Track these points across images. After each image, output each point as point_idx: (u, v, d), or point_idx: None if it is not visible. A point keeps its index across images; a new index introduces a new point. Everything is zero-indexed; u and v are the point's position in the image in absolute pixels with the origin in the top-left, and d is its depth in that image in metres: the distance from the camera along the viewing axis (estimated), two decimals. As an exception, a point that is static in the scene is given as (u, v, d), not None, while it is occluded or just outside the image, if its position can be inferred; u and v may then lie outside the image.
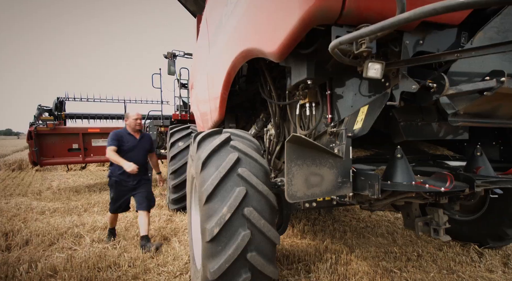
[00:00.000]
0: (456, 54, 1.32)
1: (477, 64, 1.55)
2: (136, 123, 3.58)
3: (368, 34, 1.13)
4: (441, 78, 1.53)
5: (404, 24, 1.00)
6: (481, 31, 1.51)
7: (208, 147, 1.95)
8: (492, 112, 1.80)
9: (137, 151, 3.57)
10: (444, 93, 1.53)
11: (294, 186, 1.51)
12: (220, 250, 1.69)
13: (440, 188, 1.76)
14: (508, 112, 1.85)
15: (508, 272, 2.72)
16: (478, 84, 1.45)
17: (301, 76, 1.96)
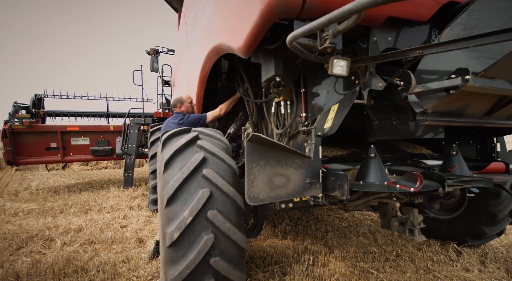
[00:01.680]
0: (418, 51, 1.27)
1: (444, 62, 1.51)
2: (192, 107, 3.30)
3: (318, 27, 1.06)
4: (407, 76, 1.49)
5: (350, 16, 0.94)
6: (447, 28, 1.47)
7: (172, 146, 1.86)
8: (461, 111, 1.77)
9: None
10: (411, 91, 1.49)
11: (255, 188, 1.44)
12: (181, 256, 1.60)
13: (410, 188, 1.71)
14: (477, 111, 1.82)
15: (484, 271, 2.72)
16: (444, 82, 1.42)
17: (269, 73, 1.89)
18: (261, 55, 1.98)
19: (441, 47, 1.18)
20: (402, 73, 1.50)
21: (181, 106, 3.19)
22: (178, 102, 3.22)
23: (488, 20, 1.39)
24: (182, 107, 3.19)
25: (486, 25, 1.40)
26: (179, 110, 3.20)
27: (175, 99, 3.25)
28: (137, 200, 5.55)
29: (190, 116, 3.12)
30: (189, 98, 3.25)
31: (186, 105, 3.21)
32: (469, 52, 1.41)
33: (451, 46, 1.14)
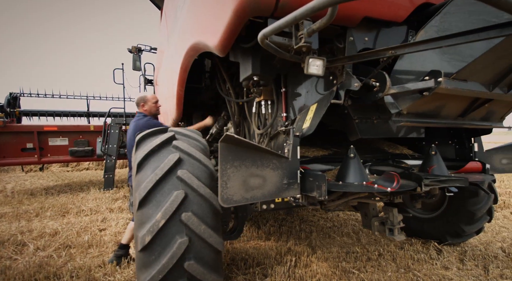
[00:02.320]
0: (391, 51, 1.26)
1: (418, 64, 1.51)
2: (157, 107, 3.13)
3: (285, 25, 1.03)
4: (383, 77, 1.50)
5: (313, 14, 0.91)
6: (422, 30, 1.47)
7: (146, 147, 1.79)
8: (436, 112, 1.78)
9: None
10: (386, 93, 1.49)
11: (230, 189, 1.39)
12: (153, 260, 1.54)
13: (387, 188, 1.71)
14: (451, 113, 1.84)
15: (463, 269, 2.76)
16: (418, 84, 1.43)
17: (247, 72, 1.86)
18: (239, 54, 1.94)
19: (413, 47, 1.18)
20: (378, 74, 1.50)
21: (144, 105, 3.04)
22: (141, 101, 3.07)
23: (461, 23, 1.40)
24: (145, 106, 3.04)
25: (459, 27, 1.40)
26: (141, 109, 3.06)
27: (139, 97, 3.10)
28: (118, 202, 5.40)
29: (152, 122, 2.97)
30: (155, 99, 3.11)
31: (150, 105, 3.06)
32: (442, 54, 1.42)
33: (422, 46, 1.14)
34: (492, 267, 2.76)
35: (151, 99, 3.09)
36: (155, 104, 3.10)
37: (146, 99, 3.07)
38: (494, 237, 3.65)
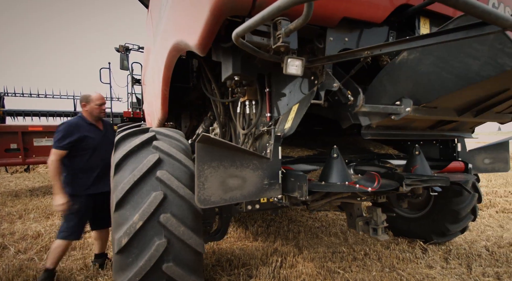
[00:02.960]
0: (366, 52, 1.26)
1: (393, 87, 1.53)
2: (100, 110, 2.71)
3: (255, 25, 1.02)
4: (357, 93, 1.53)
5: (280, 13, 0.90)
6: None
7: (125, 147, 1.76)
8: (405, 126, 1.82)
9: (104, 147, 2.67)
10: (358, 109, 1.55)
11: (207, 190, 1.37)
12: (130, 262, 1.51)
13: (368, 188, 1.71)
14: (420, 126, 1.88)
15: (446, 267, 2.79)
16: (388, 108, 1.50)
17: (228, 72, 1.84)
18: (220, 54, 1.92)
19: (388, 48, 1.18)
20: (353, 90, 1.54)
21: (86, 106, 2.68)
22: (83, 100, 2.70)
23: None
24: (87, 107, 2.68)
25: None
26: (83, 110, 2.72)
27: (82, 96, 2.75)
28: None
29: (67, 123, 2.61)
30: (100, 100, 2.71)
31: (92, 107, 2.67)
32: (417, 84, 1.43)
33: (396, 47, 1.14)
34: (475, 265, 2.79)
35: (95, 99, 2.69)
36: (98, 107, 2.70)
37: (89, 99, 2.68)
38: (479, 235, 3.71)
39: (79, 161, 2.58)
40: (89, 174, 2.61)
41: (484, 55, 1.12)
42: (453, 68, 1.26)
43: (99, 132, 2.73)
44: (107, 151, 2.67)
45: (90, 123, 2.69)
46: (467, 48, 1.16)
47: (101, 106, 2.73)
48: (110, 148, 2.63)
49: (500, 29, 0.77)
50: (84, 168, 2.60)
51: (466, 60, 1.20)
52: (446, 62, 1.27)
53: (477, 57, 1.16)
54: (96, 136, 2.68)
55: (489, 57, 1.12)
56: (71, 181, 2.55)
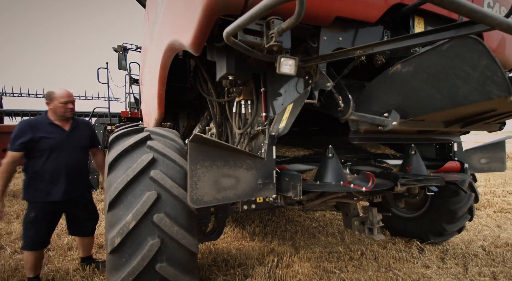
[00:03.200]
0: (358, 51, 1.26)
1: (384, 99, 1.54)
2: (66, 109, 2.44)
3: (244, 24, 1.02)
4: (348, 101, 1.55)
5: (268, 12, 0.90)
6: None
7: (119, 147, 1.76)
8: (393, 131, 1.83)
9: (68, 150, 2.44)
10: (347, 117, 1.56)
11: (200, 190, 1.37)
12: (123, 262, 1.51)
13: (362, 188, 1.71)
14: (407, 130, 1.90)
15: (443, 267, 2.79)
16: (376, 119, 1.51)
17: (222, 71, 1.84)
18: (215, 53, 1.92)
19: (380, 47, 1.18)
20: (344, 98, 1.57)
21: (50, 103, 2.44)
22: (47, 97, 2.45)
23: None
24: (51, 104, 2.43)
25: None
26: (48, 107, 2.48)
27: (46, 92, 2.50)
28: (103, 204, 5.30)
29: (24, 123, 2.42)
30: (64, 97, 2.44)
31: (55, 105, 2.42)
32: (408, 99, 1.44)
33: (388, 46, 1.14)
34: (472, 265, 2.79)
35: (59, 97, 2.42)
36: (63, 105, 2.43)
37: (53, 96, 2.42)
38: (476, 235, 3.71)
39: (35, 163, 2.34)
40: (48, 178, 2.35)
41: (474, 80, 1.13)
42: (443, 88, 1.27)
43: (62, 133, 2.45)
44: (72, 153, 2.47)
45: (52, 123, 2.43)
46: (459, 70, 1.16)
47: (67, 104, 2.44)
48: (77, 150, 2.51)
49: (488, 27, 0.77)
50: (41, 172, 2.34)
51: (456, 83, 1.20)
52: (437, 81, 1.28)
53: (467, 81, 1.16)
54: (56, 137, 2.41)
55: (478, 83, 1.13)
56: (27, 186, 2.36)
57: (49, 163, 2.36)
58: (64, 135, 2.46)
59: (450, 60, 1.15)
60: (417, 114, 1.44)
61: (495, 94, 1.08)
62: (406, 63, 1.36)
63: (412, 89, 1.39)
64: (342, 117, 1.58)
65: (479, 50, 1.03)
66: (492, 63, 1.03)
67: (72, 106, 2.51)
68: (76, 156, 2.51)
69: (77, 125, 2.59)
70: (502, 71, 1.02)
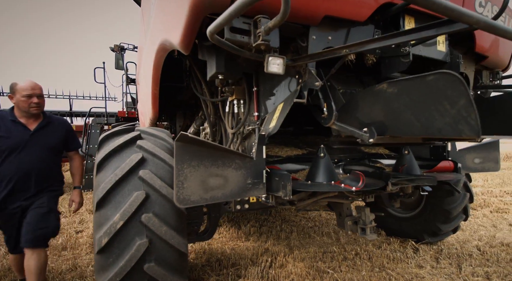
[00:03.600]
0: (345, 50, 1.25)
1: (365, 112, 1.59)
2: (29, 104, 2.13)
3: (225, 21, 1.01)
4: (331, 110, 1.60)
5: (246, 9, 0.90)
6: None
7: (108, 147, 1.75)
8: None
9: (30, 152, 2.15)
10: (329, 125, 1.64)
11: (186, 189, 1.36)
12: (111, 263, 1.50)
13: (352, 187, 1.71)
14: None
15: (436, 267, 2.79)
16: (355, 132, 1.57)
17: (212, 71, 1.83)
18: (205, 52, 1.92)
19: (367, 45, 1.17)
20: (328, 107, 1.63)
21: (12, 97, 2.19)
22: (10, 90, 2.21)
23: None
24: (14, 98, 2.18)
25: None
26: (11, 101, 2.24)
27: (11, 84, 2.23)
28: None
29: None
30: (27, 91, 2.14)
31: (18, 99, 2.15)
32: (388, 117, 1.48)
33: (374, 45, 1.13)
34: (465, 265, 2.79)
35: (21, 90, 2.14)
36: (26, 99, 2.14)
37: (15, 88, 2.17)
38: (471, 235, 3.71)
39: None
40: (4, 183, 2.11)
41: (450, 116, 1.17)
42: (422, 116, 1.31)
43: (24, 132, 2.16)
44: (35, 156, 2.18)
45: (14, 120, 2.16)
46: (439, 104, 1.20)
47: (30, 99, 2.13)
48: (43, 153, 2.21)
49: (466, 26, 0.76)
50: None
51: (434, 114, 1.24)
52: (417, 108, 1.32)
53: (444, 115, 1.20)
54: (16, 137, 2.14)
55: (453, 120, 1.18)
56: None
57: (5, 166, 2.11)
58: (27, 135, 2.16)
59: (433, 92, 1.19)
60: (395, 133, 1.49)
61: (466, 134, 1.14)
62: (392, 84, 1.40)
63: (393, 110, 1.44)
64: (325, 124, 1.66)
65: (460, 89, 1.07)
66: (469, 105, 1.07)
67: (38, 101, 2.18)
68: (39, 159, 2.19)
69: (48, 125, 2.28)
70: (476, 115, 1.07)
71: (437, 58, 1.89)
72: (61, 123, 2.44)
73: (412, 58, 1.69)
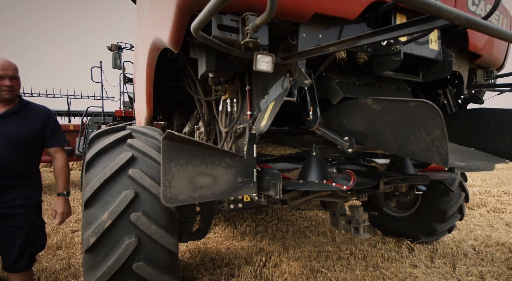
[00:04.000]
0: (332, 47, 1.25)
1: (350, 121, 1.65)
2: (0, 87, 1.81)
3: (205, 18, 1.00)
4: (316, 116, 1.64)
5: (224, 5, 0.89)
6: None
7: (97, 145, 1.74)
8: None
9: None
10: (313, 129, 1.68)
11: (174, 188, 1.35)
12: (99, 262, 1.49)
13: (343, 186, 1.70)
14: None
15: (431, 267, 2.78)
16: (336, 140, 1.65)
17: (202, 69, 1.82)
18: (197, 51, 1.91)
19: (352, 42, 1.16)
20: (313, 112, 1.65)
21: None
22: None
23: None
24: None
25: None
26: None
27: None
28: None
29: None
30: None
31: None
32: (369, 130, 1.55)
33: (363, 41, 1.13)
34: (460, 264, 2.78)
35: None
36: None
37: None
38: (467, 235, 3.70)
39: None
40: None
41: (424, 143, 1.26)
42: (399, 136, 1.38)
43: None
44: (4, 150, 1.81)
45: None
46: (416, 129, 1.27)
47: (1, 80, 1.80)
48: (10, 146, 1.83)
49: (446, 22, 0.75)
50: None
51: (410, 137, 1.32)
52: (397, 129, 1.39)
53: (419, 140, 1.28)
54: None
55: (426, 146, 1.26)
56: None
57: None
58: None
59: (413, 117, 1.27)
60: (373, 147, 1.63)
61: (435, 162, 1.24)
62: (376, 101, 1.46)
63: (374, 125, 1.51)
64: (309, 128, 1.70)
65: (437, 121, 1.15)
66: (443, 137, 1.15)
67: (10, 84, 1.82)
68: (6, 152, 1.81)
69: (20, 112, 1.91)
70: (446, 147, 1.16)
71: (429, 57, 1.88)
72: (39, 112, 2.01)
73: (403, 56, 1.68)
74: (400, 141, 1.39)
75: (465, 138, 2.12)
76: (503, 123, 1.94)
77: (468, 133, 2.12)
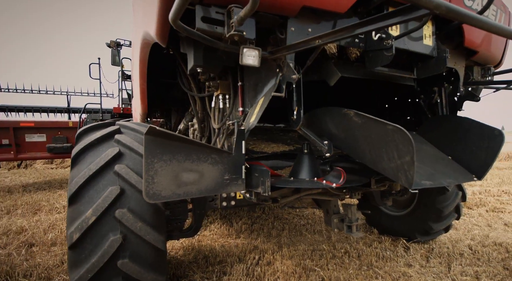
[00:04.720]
0: (317, 40, 1.21)
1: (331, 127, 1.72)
2: None
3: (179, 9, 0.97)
4: (299, 117, 1.65)
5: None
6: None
7: (83, 141, 1.73)
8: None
9: None
10: (297, 129, 1.70)
11: (157, 184, 1.33)
12: (83, 258, 1.48)
13: (333, 184, 1.67)
14: None
15: (425, 266, 2.75)
16: (316, 142, 1.71)
17: (190, 63, 1.79)
18: (186, 45, 1.88)
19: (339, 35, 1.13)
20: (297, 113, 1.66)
21: None
22: None
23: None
24: None
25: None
26: None
27: None
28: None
29: None
30: None
31: None
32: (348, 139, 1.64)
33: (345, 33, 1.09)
34: (455, 264, 2.75)
35: None
36: None
37: None
38: (464, 234, 3.66)
39: None
40: None
41: (395, 163, 1.35)
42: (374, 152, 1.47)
43: None
44: None
45: None
46: (390, 150, 1.36)
47: None
48: None
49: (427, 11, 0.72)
50: None
51: (384, 156, 1.40)
52: (372, 145, 1.47)
53: (391, 160, 1.37)
54: None
55: (396, 167, 1.34)
56: None
57: None
58: None
59: (388, 139, 1.36)
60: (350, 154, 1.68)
61: (402, 183, 1.35)
62: (358, 115, 1.53)
63: (353, 136, 1.59)
64: (292, 127, 1.71)
65: (409, 149, 1.25)
66: (411, 163, 1.25)
67: None
68: None
69: None
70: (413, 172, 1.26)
71: (423, 53, 1.85)
72: None
73: (396, 52, 1.65)
74: (374, 157, 1.48)
75: (446, 144, 2.13)
76: (482, 140, 1.94)
77: (450, 140, 2.12)
